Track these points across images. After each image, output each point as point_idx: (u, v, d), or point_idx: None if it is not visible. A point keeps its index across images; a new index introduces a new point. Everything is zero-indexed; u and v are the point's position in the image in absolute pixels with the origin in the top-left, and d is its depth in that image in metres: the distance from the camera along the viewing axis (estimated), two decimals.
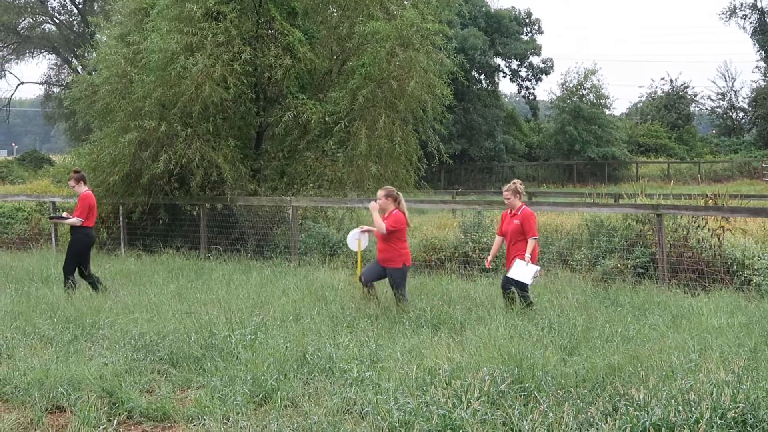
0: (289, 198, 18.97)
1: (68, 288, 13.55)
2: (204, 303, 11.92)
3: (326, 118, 20.44)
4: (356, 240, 13.22)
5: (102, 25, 25.06)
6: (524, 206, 12.19)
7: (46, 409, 7.02)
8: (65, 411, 7.09)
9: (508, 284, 11.67)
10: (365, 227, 13.19)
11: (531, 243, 11.76)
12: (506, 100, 69.94)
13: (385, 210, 12.27)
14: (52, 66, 58.41)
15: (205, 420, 6.68)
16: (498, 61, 62.17)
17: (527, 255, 11.61)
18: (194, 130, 19.67)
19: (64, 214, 15.18)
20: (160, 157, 19.36)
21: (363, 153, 19.91)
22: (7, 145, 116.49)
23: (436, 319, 10.76)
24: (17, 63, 58.84)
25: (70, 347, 9.09)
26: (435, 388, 7.06)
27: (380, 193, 12.47)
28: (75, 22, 55.71)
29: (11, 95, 62.49)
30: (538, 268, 11.88)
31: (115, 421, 6.71)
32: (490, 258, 12.64)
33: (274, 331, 9.75)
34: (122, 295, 12.74)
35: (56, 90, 56.67)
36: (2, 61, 56.86)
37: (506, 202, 12.41)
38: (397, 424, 6.36)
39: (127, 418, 6.93)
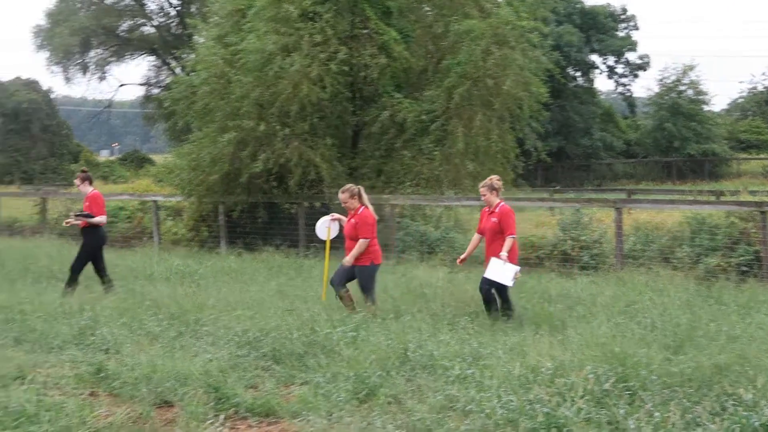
0: (386, 196, 19.03)
1: (71, 287, 13.59)
2: (305, 300, 12.05)
3: (422, 117, 20.48)
4: (326, 228, 12.98)
5: (200, 26, 25.41)
6: (502, 203, 11.74)
7: (155, 404, 7.14)
8: (173, 405, 7.21)
9: (486, 285, 11.21)
10: (336, 215, 12.97)
11: (509, 241, 11.26)
12: (603, 97, 68.98)
13: (351, 209, 12.05)
14: (152, 68, 59.42)
15: (309, 416, 6.74)
16: (594, 57, 61.42)
17: (503, 254, 11.06)
18: (292, 129, 19.88)
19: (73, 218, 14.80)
20: (258, 156, 19.63)
21: (460, 151, 19.90)
22: (108, 145, 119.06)
23: (537, 317, 10.69)
24: (118, 65, 59.87)
25: (176, 343, 9.25)
26: (538, 387, 7.02)
27: (342, 195, 12.14)
28: (173, 24, 56.54)
29: (112, 97, 63.92)
30: (518, 268, 11.30)
31: (222, 416, 6.80)
32: (463, 256, 12.24)
33: (375, 328, 9.80)
34: (224, 293, 12.90)
35: (156, 91, 57.60)
36: (103, 63, 57.95)
37: (482, 198, 11.93)
38: (501, 422, 6.34)
39: (233, 413, 7.01)
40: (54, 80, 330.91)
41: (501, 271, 11.04)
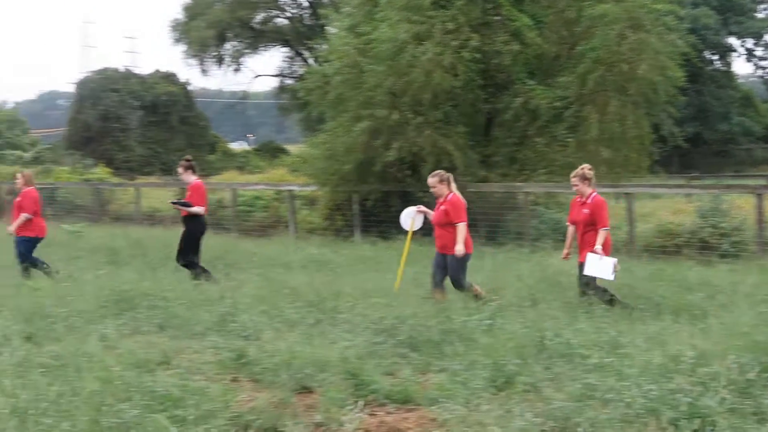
0: (519, 184, 18.91)
1: (198, 276, 13.82)
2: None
3: (556, 103, 20.27)
4: (410, 219, 12.84)
5: (332, 17, 25.64)
6: (595, 193, 11.42)
7: (294, 390, 7.25)
8: (312, 391, 7.31)
9: (587, 282, 11.06)
10: (422, 208, 12.80)
11: (602, 234, 11.01)
12: (741, 80, 66.99)
13: (440, 195, 11.95)
14: (285, 59, 60.25)
15: (446, 403, 6.76)
16: (731, 40, 59.70)
17: (597, 247, 10.85)
18: (425, 117, 19.92)
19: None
20: (391, 145, 19.73)
21: (594, 137, 19.63)
22: (244, 136, 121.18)
23: (676, 306, 10.49)
24: (252, 57, 60.93)
25: (314, 330, 9.38)
26: (679, 376, 6.89)
27: (431, 180, 12.08)
28: (306, 15, 57.19)
29: (247, 88, 65.00)
30: (615, 260, 10.97)
31: (361, 402, 6.87)
32: (565, 252, 12.02)
33: (511, 316, 9.77)
34: (360, 280, 13.02)
35: (289, 82, 58.39)
36: (238, 55, 58.99)
37: (574, 189, 11.69)
38: (642, 412, 6.25)
39: (371, 399, 7.07)
40: (191, 73, 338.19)
41: (599, 266, 10.86)
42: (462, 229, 11.58)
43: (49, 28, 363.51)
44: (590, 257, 10.91)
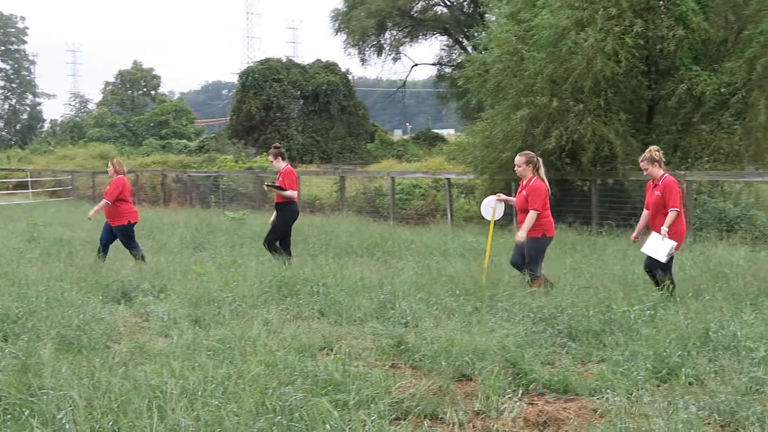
0: (683, 172, 18.45)
1: (279, 257, 14.12)
2: (599, 278, 11.92)
3: (721, 90, 19.67)
4: (491, 208, 12.58)
5: (492, 4, 25.48)
6: (666, 175, 11.20)
7: (454, 377, 7.27)
8: (471, 379, 7.32)
9: (650, 262, 10.96)
10: (502, 196, 12.57)
11: (671, 215, 10.82)
12: None
13: (523, 177, 11.78)
14: (444, 47, 60.29)
15: (608, 394, 6.66)
16: None
17: (664, 228, 10.70)
18: (585, 105, 19.66)
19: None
20: (551, 133, 19.54)
21: (762, 125, 18.95)
22: (401, 124, 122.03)
23: None
24: (411, 46, 61.12)
25: (472, 318, 9.39)
26: None
27: (519, 159, 11.96)
28: (465, 3, 57.06)
29: (406, 77, 65.28)
30: (674, 243, 10.73)
31: (520, 391, 6.84)
32: (635, 234, 11.85)
33: (674, 307, 9.55)
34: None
35: (448, 70, 58.42)
36: (397, 44, 59.33)
37: (645, 173, 11.40)
38: None
39: (531, 388, 7.03)
40: (351, 62, 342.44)
41: (657, 245, 10.78)
42: (532, 216, 11.51)
43: (213, 19, 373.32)
44: (653, 236, 10.92)
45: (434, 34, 59.54)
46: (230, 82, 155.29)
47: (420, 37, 59.67)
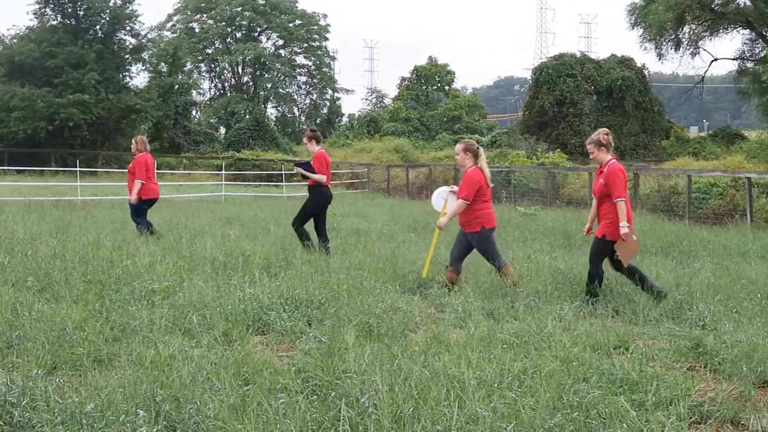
0: None
1: (306, 244, 14.14)
2: None
3: None
4: (443, 199, 11.96)
5: None
6: (613, 161, 10.45)
7: (755, 383, 7.01)
8: None
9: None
10: (455, 188, 11.70)
11: (620, 207, 10.09)
12: None
13: (463, 166, 11.19)
14: (746, 41, 57.87)
15: None
16: None
17: (623, 224, 10.03)
18: None
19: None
20: None
21: None
22: (698, 121, 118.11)
23: None
24: (710, 40, 59.19)
25: None
26: None
27: (458, 146, 11.56)
28: None
29: (705, 72, 63.23)
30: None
31: None
32: (587, 226, 11.18)
33: None
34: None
35: (750, 65, 56.09)
36: (696, 38, 57.56)
37: (591, 156, 10.71)
38: None
39: None
40: (646, 57, 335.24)
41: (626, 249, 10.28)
42: (459, 204, 11.26)
43: (507, 15, 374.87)
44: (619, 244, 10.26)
45: (736, 28, 57.36)
46: (522, 78, 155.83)
47: (720, 31, 57.67)
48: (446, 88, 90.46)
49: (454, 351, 7.35)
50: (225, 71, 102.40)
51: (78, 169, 35.15)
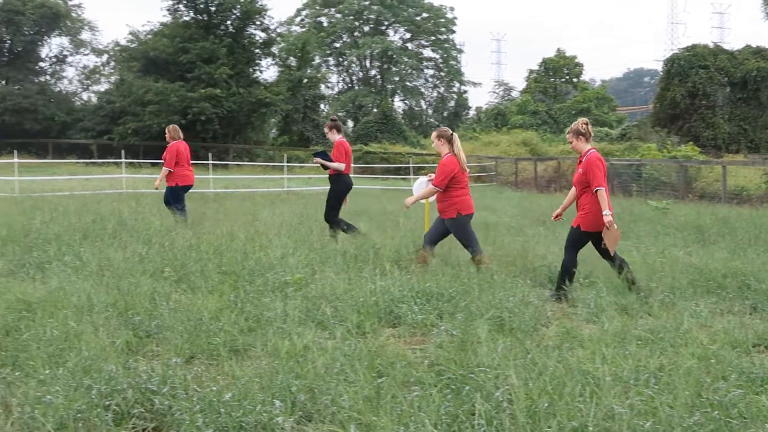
0: None
1: (344, 230, 14.54)
2: None
3: None
4: (423, 188, 12.02)
5: None
6: (592, 150, 10.37)
7: None
8: None
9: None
10: (433, 175, 11.59)
11: (601, 196, 10.01)
12: None
13: (440, 153, 11.49)
14: None
15: None
16: None
17: (606, 212, 9.95)
18: None
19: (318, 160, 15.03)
20: None
21: None
22: None
23: None
24: None
25: None
26: None
27: (433, 134, 11.78)
28: None
29: None
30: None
31: None
32: (557, 211, 11.16)
33: None
34: None
35: None
36: None
37: (570, 146, 10.69)
38: None
39: None
40: None
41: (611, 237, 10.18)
42: (430, 190, 11.65)
43: (636, 5, 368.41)
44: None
45: None
46: (652, 69, 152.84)
47: None
48: (574, 80, 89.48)
49: (587, 346, 7.26)
50: (353, 65, 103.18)
51: (210, 162, 35.95)
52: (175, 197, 17.05)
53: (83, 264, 10.84)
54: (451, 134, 11.64)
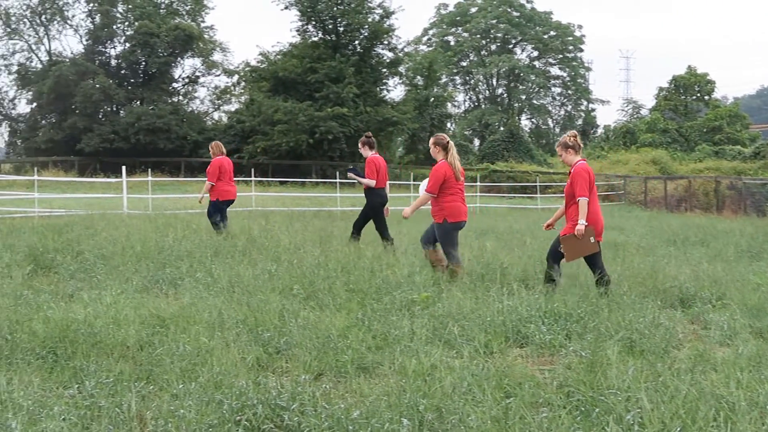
0: None
1: (354, 240, 15.19)
2: None
3: None
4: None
5: None
6: (580, 162, 10.58)
7: None
8: None
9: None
10: None
11: (581, 205, 10.30)
12: None
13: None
14: None
15: None
16: None
17: (580, 221, 10.27)
18: None
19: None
20: None
21: None
22: None
23: None
24: None
25: None
26: None
27: (430, 141, 12.02)
28: None
29: None
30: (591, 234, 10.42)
31: None
32: (549, 221, 11.53)
33: None
34: None
35: None
36: None
37: (560, 159, 10.93)
38: None
39: None
40: None
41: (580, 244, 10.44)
42: (423, 197, 12.01)
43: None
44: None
45: None
46: None
47: None
48: (706, 97, 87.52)
49: (721, 370, 7.08)
50: (479, 83, 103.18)
51: (338, 180, 36.33)
52: (216, 211, 17.73)
53: (214, 280, 11.09)
54: (447, 142, 11.96)
